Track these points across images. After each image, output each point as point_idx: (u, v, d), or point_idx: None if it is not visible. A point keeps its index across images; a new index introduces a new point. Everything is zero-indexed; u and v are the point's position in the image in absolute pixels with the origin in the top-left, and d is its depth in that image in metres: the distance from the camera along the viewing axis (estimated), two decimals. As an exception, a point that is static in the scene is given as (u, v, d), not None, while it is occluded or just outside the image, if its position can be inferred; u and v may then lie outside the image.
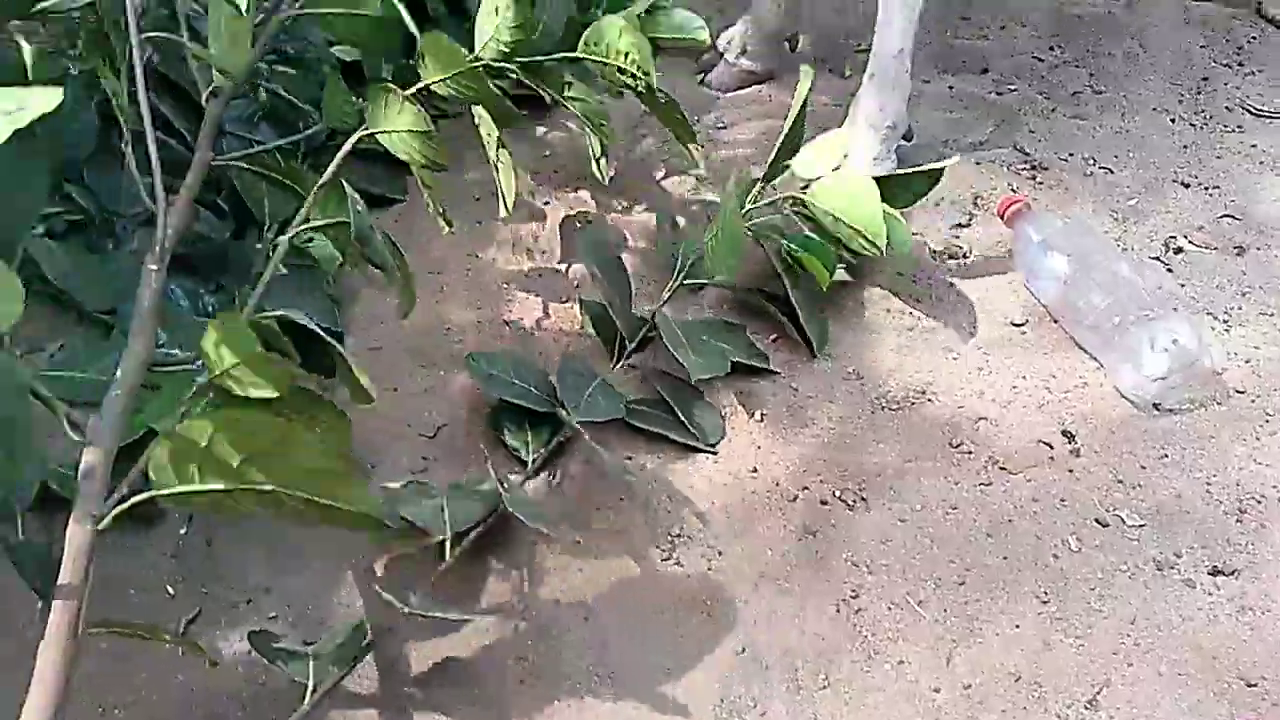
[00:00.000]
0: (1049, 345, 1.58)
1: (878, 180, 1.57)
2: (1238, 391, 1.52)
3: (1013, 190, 1.87)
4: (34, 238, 1.48)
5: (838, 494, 1.38)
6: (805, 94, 1.64)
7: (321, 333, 1.04)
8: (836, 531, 1.33)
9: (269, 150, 1.47)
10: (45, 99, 0.67)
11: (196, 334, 0.98)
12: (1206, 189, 1.91)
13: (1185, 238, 1.79)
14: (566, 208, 1.84)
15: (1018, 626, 1.23)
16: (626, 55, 1.45)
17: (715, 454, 1.42)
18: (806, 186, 1.60)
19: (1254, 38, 2.37)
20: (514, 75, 1.49)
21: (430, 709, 1.15)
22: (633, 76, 1.46)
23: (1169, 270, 1.73)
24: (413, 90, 1.32)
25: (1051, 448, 1.43)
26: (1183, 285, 1.69)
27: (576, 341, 1.60)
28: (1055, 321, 1.61)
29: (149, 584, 1.25)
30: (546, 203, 1.86)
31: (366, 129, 1.32)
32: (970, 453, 1.43)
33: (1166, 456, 1.42)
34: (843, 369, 1.55)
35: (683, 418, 1.42)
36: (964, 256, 1.75)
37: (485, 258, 1.75)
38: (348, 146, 1.31)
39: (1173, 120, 2.09)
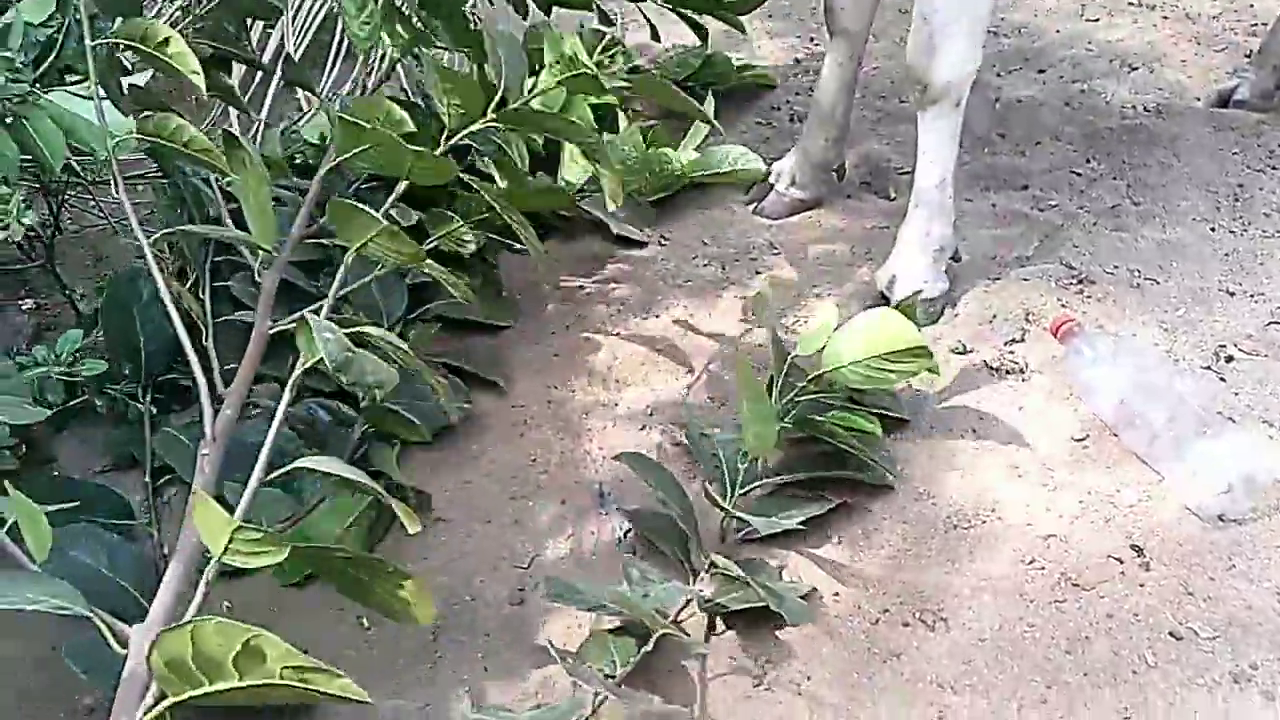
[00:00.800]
0: (1110, 460, 1.64)
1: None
2: (1300, 499, 1.56)
3: (1062, 305, 1.95)
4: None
5: (918, 615, 1.43)
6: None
7: (357, 478, 1.16)
8: (920, 653, 1.38)
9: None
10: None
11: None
12: (1252, 296, 1.98)
13: (1235, 345, 1.86)
14: (636, 341, 1.95)
15: (1103, 744, 1.27)
16: None
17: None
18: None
19: (1284, 143, 2.46)
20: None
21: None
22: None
23: (1221, 380, 1.79)
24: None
25: (1121, 562, 1.48)
26: (1236, 394, 1.75)
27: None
28: (1115, 436, 1.68)
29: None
30: (618, 333, 1.97)
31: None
32: (1043, 569, 1.48)
33: (1234, 567, 1.46)
34: (913, 490, 1.62)
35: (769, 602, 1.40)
36: (1020, 372, 1.83)
37: (564, 390, 1.85)
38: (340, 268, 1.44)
39: (1213, 229, 2.18)
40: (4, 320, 1.91)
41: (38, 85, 1.45)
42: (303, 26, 2.84)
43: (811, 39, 3.15)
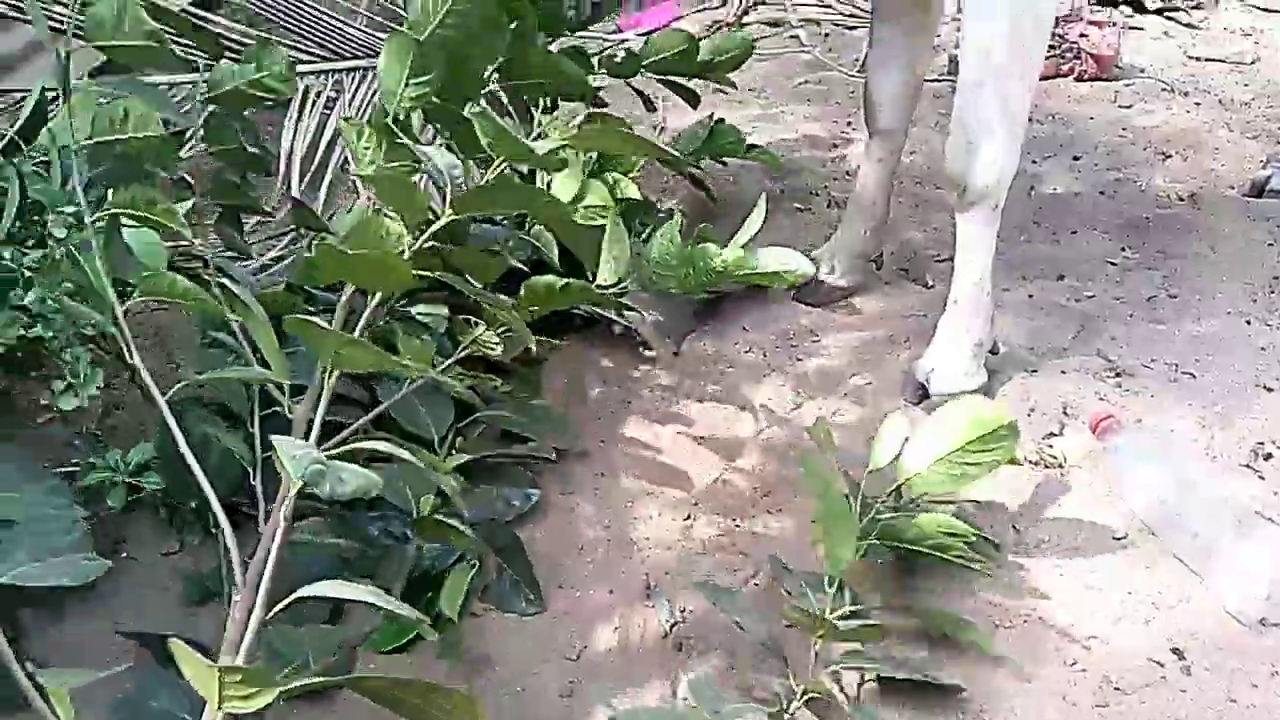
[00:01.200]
0: (1151, 559, 1.66)
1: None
2: (1342, 603, 1.57)
3: (1101, 399, 1.98)
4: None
5: (961, 713, 1.46)
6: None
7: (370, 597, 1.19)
8: (963, 754, 1.41)
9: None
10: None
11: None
12: (1289, 392, 2.01)
13: (1274, 443, 1.88)
14: (679, 425, 2.00)
15: None
16: None
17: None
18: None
19: (1319, 234, 2.49)
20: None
21: None
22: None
23: (1261, 478, 1.81)
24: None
25: (1162, 666, 1.50)
26: (1275, 494, 1.77)
27: (697, 559, 1.72)
28: (1155, 535, 1.70)
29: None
30: (660, 419, 2.02)
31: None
32: (1085, 670, 1.50)
33: (1278, 674, 1.48)
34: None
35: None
36: (1059, 467, 1.86)
37: (610, 477, 1.90)
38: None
39: (1248, 322, 2.20)
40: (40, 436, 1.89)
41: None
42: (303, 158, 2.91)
43: (849, 123, 3.22)
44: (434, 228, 1.56)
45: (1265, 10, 3.89)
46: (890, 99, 2.21)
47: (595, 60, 2.45)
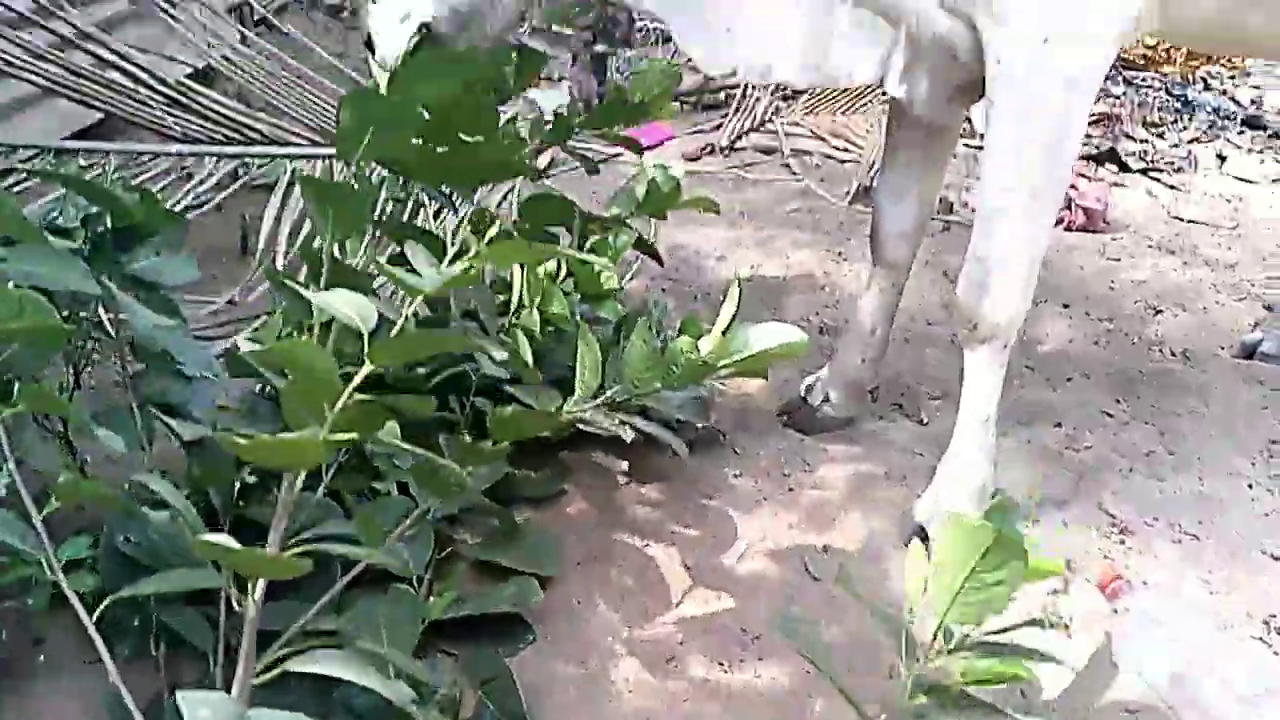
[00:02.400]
0: (1165, 735, 1.56)
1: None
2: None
3: (1105, 557, 1.90)
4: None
5: None
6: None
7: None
8: None
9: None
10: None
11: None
12: (1294, 562, 1.94)
13: (1282, 616, 1.80)
14: (666, 548, 1.88)
15: None
16: None
17: None
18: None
19: (1312, 401, 2.48)
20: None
21: None
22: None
23: (1275, 653, 1.72)
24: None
25: None
26: (1290, 671, 1.68)
27: (683, 707, 1.58)
28: (1169, 708, 1.59)
29: None
30: (646, 543, 1.89)
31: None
32: None
33: None
34: (958, 753, 1.52)
35: None
36: (1065, 627, 1.75)
37: (589, 606, 1.76)
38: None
39: (1249, 485, 2.15)
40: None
41: None
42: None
43: (839, 252, 3.21)
44: (354, 382, 1.40)
45: (1242, 180, 3.99)
46: (898, 232, 2.17)
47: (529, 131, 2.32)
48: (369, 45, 1.83)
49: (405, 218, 1.97)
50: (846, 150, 4.05)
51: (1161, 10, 1.73)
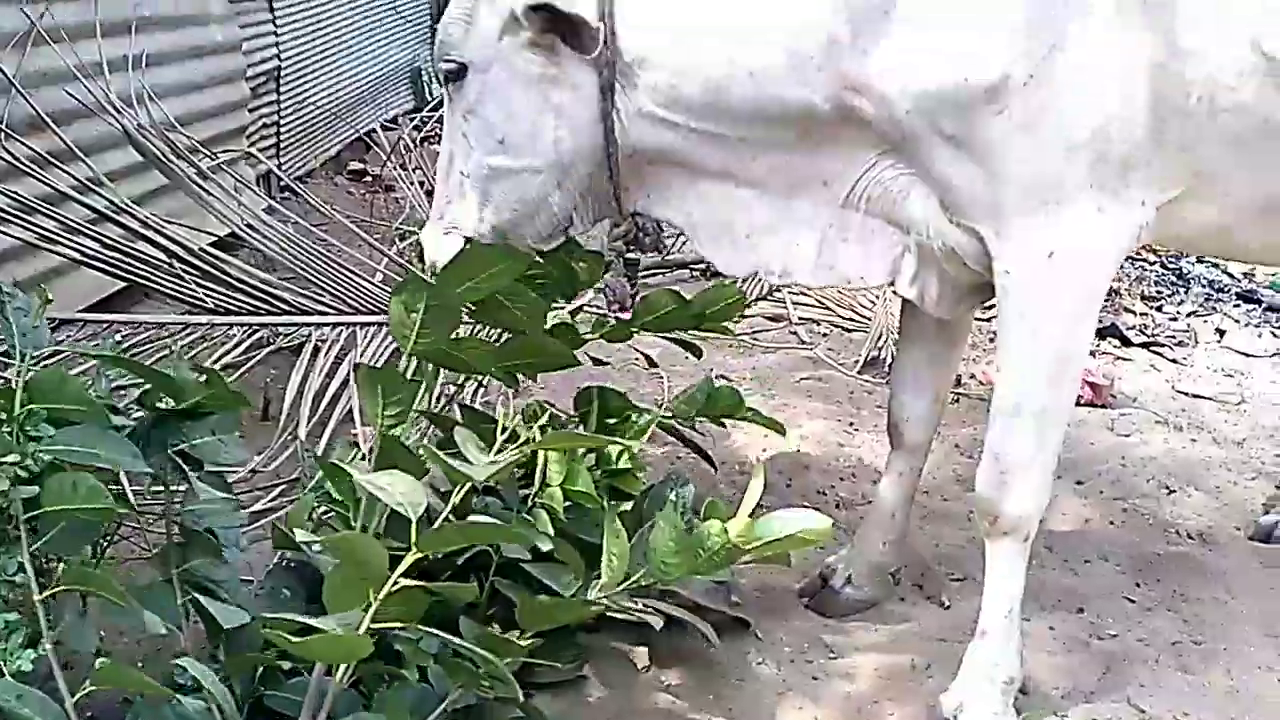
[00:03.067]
0: None
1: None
2: None
3: (1141, 758, 1.85)
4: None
5: None
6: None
7: None
8: None
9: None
10: None
11: None
12: (1334, 765, 1.89)
13: (1328, 826, 1.74)
14: None
15: None
16: None
17: None
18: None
19: (1333, 588, 2.46)
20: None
21: None
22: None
23: None
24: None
25: None
26: None
27: None
28: None
29: None
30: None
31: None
32: None
33: None
34: None
35: None
36: (1103, 835, 1.70)
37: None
38: None
39: (1280, 680, 2.12)
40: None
41: None
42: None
43: (851, 423, 3.25)
44: (401, 568, 1.44)
45: (1243, 354, 4.07)
46: (915, 418, 2.21)
47: (592, 326, 2.41)
48: (420, 256, 1.92)
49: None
50: (854, 320, 4.13)
51: (1162, 224, 1.81)
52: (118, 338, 2.36)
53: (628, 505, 2.17)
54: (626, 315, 2.34)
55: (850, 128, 1.78)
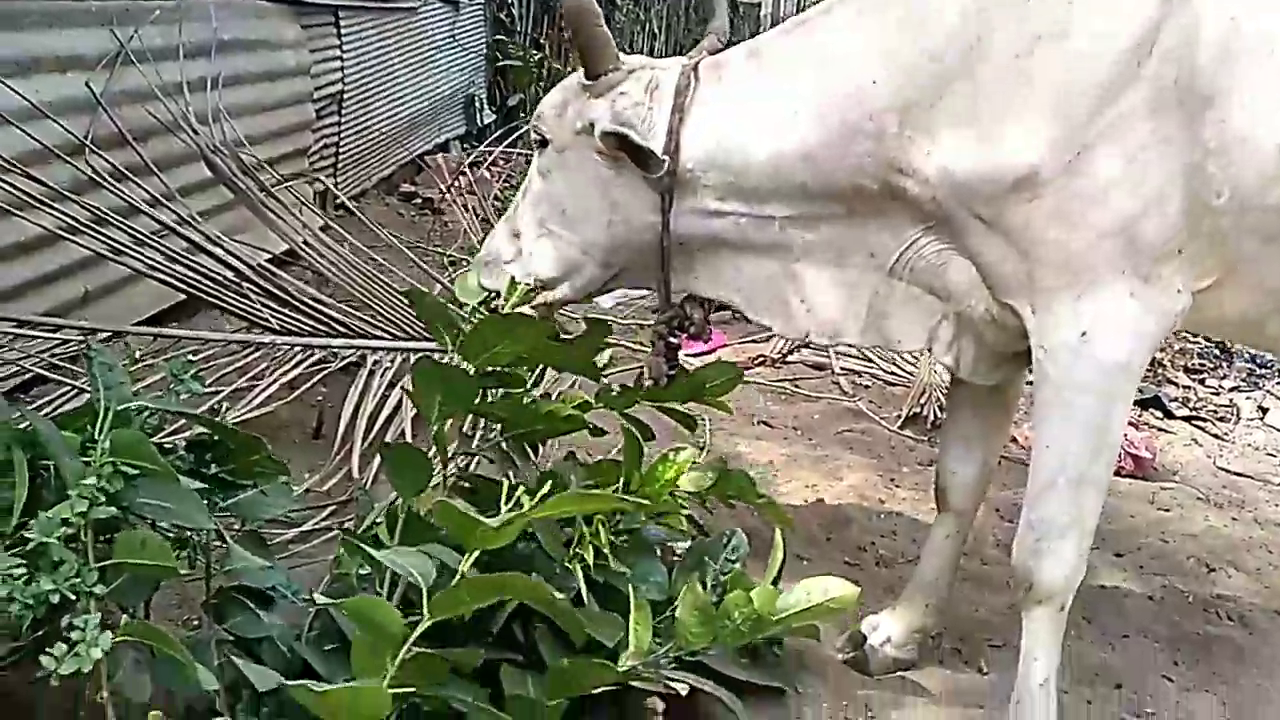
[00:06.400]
0: None
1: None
2: None
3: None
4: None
5: None
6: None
7: None
8: None
9: None
10: None
11: None
12: None
13: None
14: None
15: None
16: None
17: None
18: None
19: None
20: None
21: None
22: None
23: None
24: None
25: None
26: None
27: None
28: None
29: None
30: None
31: None
32: None
33: None
34: None
35: None
36: None
37: None
38: None
39: (1326, 778, 2.11)
40: None
41: None
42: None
43: (892, 479, 3.26)
44: (415, 634, 1.48)
45: (1286, 433, 4.06)
46: (962, 483, 2.23)
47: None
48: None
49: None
50: (895, 374, 4.16)
51: (1197, 310, 1.85)
52: (189, 355, 2.42)
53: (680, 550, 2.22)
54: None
55: (896, 204, 1.87)
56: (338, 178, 5.19)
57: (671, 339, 2.16)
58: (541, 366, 2.28)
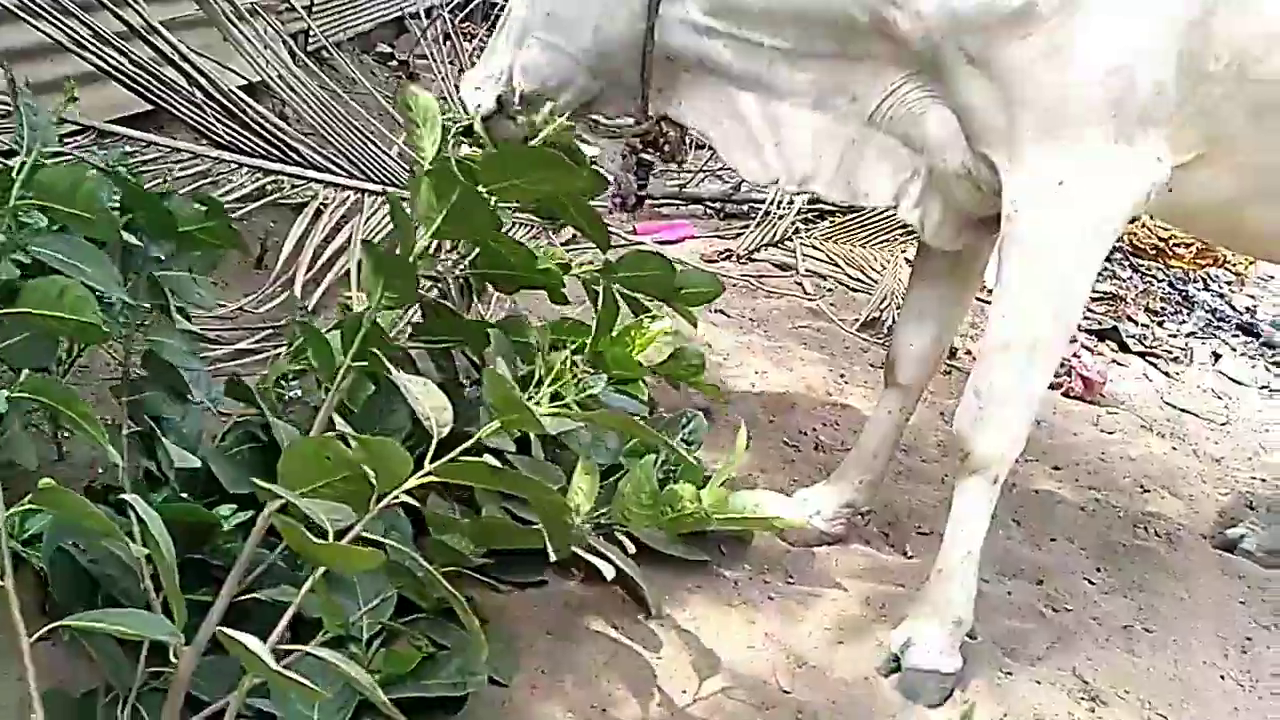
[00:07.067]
0: None
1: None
2: None
3: (1075, 721, 1.87)
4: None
5: None
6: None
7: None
8: None
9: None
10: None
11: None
12: (1261, 760, 1.92)
13: (1248, 814, 1.77)
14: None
15: None
16: None
17: None
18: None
19: (1290, 602, 2.48)
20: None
21: None
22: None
23: None
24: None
25: None
26: None
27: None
28: None
29: None
30: (606, 659, 1.85)
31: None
32: None
33: None
34: None
35: None
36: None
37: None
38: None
39: (1222, 677, 2.14)
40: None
41: None
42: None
43: (842, 375, 3.23)
44: (408, 484, 1.37)
45: (1235, 381, 4.08)
46: (914, 356, 2.19)
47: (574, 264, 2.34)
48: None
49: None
50: (860, 280, 4.11)
51: (1175, 187, 1.79)
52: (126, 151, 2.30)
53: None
54: (626, 213, 2.33)
55: (884, 43, 1.80)
56: (313, 20, 4.97)
57: (645, 154, 2.09)
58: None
